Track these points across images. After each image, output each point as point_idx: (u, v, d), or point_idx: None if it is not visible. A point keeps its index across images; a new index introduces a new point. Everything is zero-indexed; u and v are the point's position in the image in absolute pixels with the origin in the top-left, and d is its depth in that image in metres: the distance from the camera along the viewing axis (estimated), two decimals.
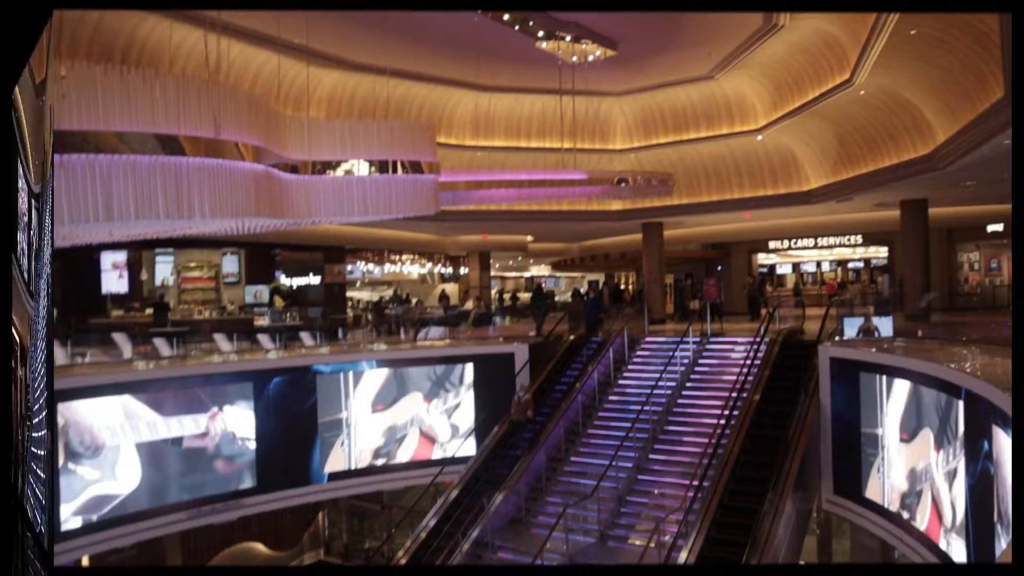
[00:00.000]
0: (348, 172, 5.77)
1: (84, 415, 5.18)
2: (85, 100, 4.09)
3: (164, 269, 9.45)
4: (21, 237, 1.68)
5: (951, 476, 4.15)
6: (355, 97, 7.88)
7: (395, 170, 5.89)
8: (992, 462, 3.47)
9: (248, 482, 5.99)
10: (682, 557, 4.58)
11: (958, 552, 3.95)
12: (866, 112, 7.35)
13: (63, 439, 5.04)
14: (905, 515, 4.78)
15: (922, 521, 4.56)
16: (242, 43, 6.29)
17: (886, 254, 12.12)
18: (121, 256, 8.62)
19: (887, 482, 5.02)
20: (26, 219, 1.76)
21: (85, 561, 5.67)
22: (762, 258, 13.59)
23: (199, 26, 5.56)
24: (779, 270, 14.08)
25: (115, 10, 5.69)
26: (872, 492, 5.18)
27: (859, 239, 12.03)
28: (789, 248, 12.75)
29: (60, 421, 5.00)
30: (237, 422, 5.92)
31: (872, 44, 5.72)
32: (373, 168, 5.90)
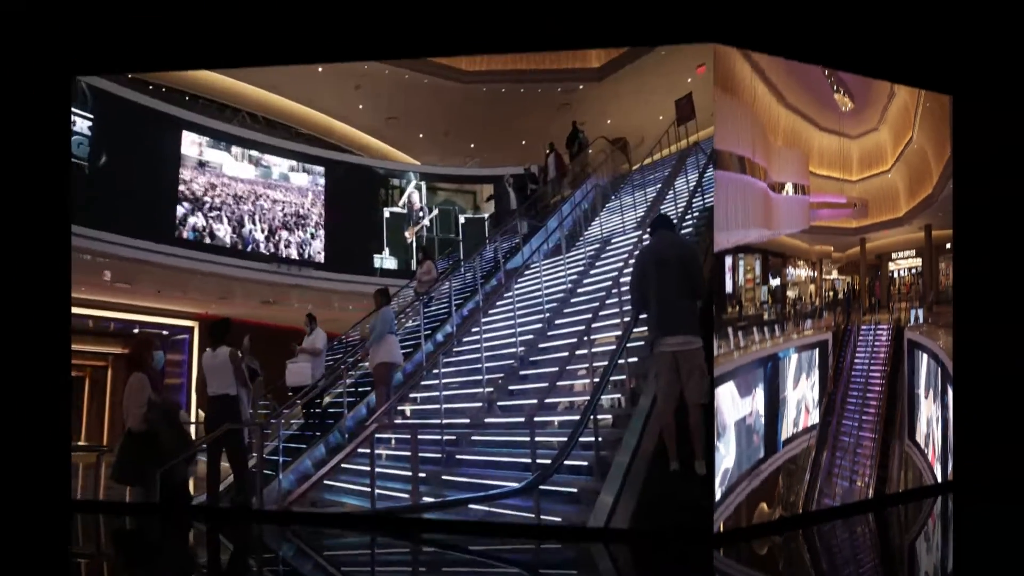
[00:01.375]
0: (785, 192, 7.00)
1: (723, 398, 5.88)
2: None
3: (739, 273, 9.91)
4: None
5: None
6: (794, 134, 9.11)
7: (796, 192, 7.19)
8: None
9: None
10: (869, 493, 6.63)
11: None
12: (909, 161, 9.76)
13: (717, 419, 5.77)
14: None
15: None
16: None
17: (920, 263, 14.82)
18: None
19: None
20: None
21: None
22: (891, 265, 15.88)
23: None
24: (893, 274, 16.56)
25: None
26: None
27: (912, 252, 14.60)
28: (897, 258, 15.14)
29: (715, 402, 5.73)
30: (758, 398, 6.76)
31: (915, 115, 8.15)
32: (787, 190, 7.17)
